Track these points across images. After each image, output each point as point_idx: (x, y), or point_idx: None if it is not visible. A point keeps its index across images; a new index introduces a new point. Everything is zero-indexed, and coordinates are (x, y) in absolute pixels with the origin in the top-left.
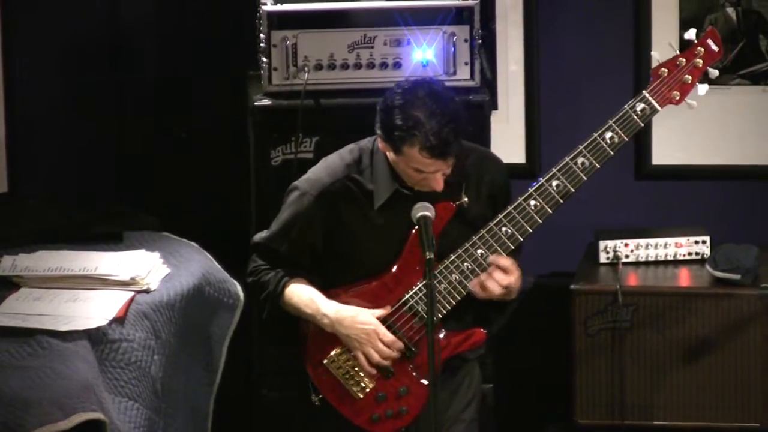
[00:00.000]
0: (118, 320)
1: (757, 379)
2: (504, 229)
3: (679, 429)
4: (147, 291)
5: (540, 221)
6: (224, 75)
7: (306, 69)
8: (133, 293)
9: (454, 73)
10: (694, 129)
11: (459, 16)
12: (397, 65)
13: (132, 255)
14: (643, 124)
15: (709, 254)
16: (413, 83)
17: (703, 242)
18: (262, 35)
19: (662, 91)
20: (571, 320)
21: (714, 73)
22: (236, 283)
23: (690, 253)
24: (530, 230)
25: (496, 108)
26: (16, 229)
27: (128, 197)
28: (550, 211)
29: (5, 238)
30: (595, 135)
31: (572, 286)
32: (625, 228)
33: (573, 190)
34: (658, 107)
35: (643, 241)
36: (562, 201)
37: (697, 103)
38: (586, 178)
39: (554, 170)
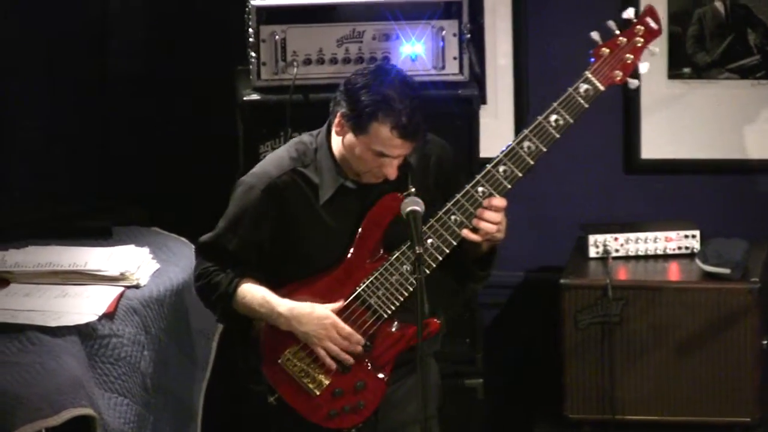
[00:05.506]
0: (108, 316)
1: (747, 373)
2: (453, 217)
3: (669, 423)
4: (137, 286)
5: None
6: (213, 69)
7: (295, 64)
8: (122, 288)
9: (443, 67)
10: (683, 123)
11: (447, 10)
12: (386, 60)
13: (121, 250)
14: (587, 105)
15: (698, 248)
16: (379, 66)
17: (693, 236)
18: (250, 30)
19: (604, 70)
20: (561, 315)
21: (655, 51)
22: None
23: (680, 248)
24: None
25: (485, 102)
26: (4, 222)
27: (116, 191)
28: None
29: None
30: (540, 118)
31: (562, 281)
32: (614, 222)
33: (520, 175)
34: (601, 87)
35: (632, 236)
36: (509, 186)
37: (637, 82)
38: (532, 162)
39: (500, 156)
